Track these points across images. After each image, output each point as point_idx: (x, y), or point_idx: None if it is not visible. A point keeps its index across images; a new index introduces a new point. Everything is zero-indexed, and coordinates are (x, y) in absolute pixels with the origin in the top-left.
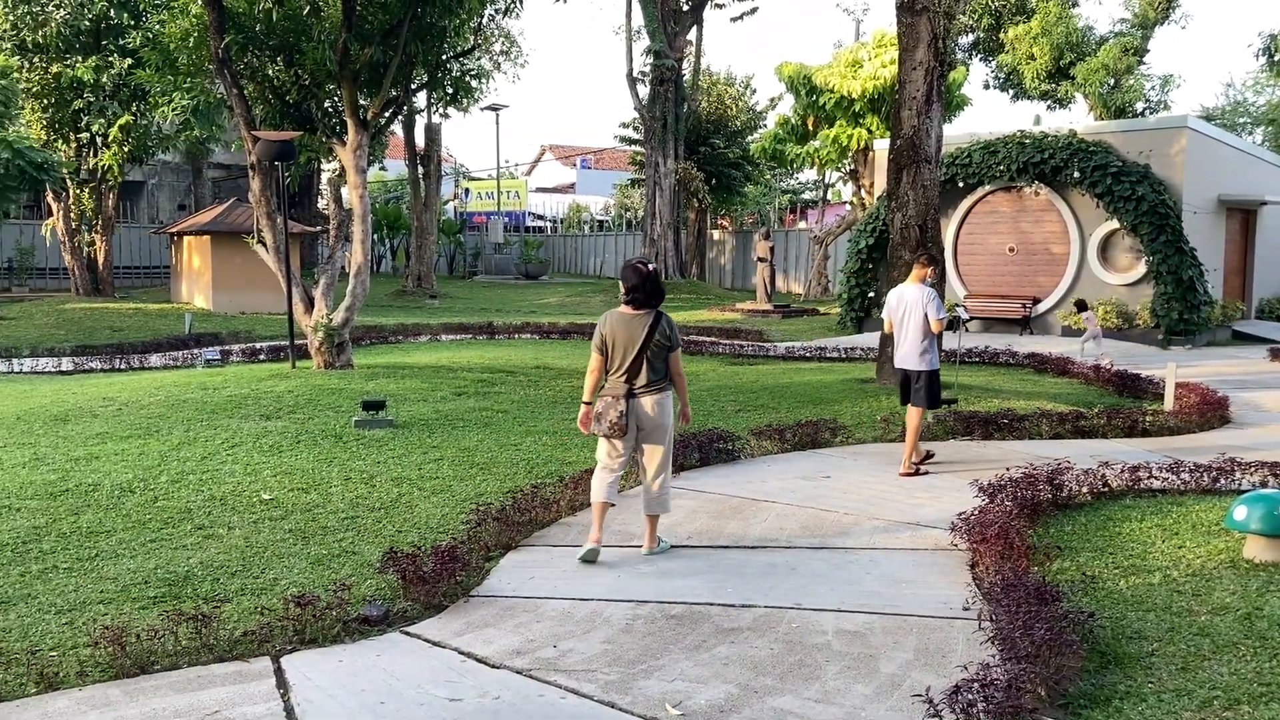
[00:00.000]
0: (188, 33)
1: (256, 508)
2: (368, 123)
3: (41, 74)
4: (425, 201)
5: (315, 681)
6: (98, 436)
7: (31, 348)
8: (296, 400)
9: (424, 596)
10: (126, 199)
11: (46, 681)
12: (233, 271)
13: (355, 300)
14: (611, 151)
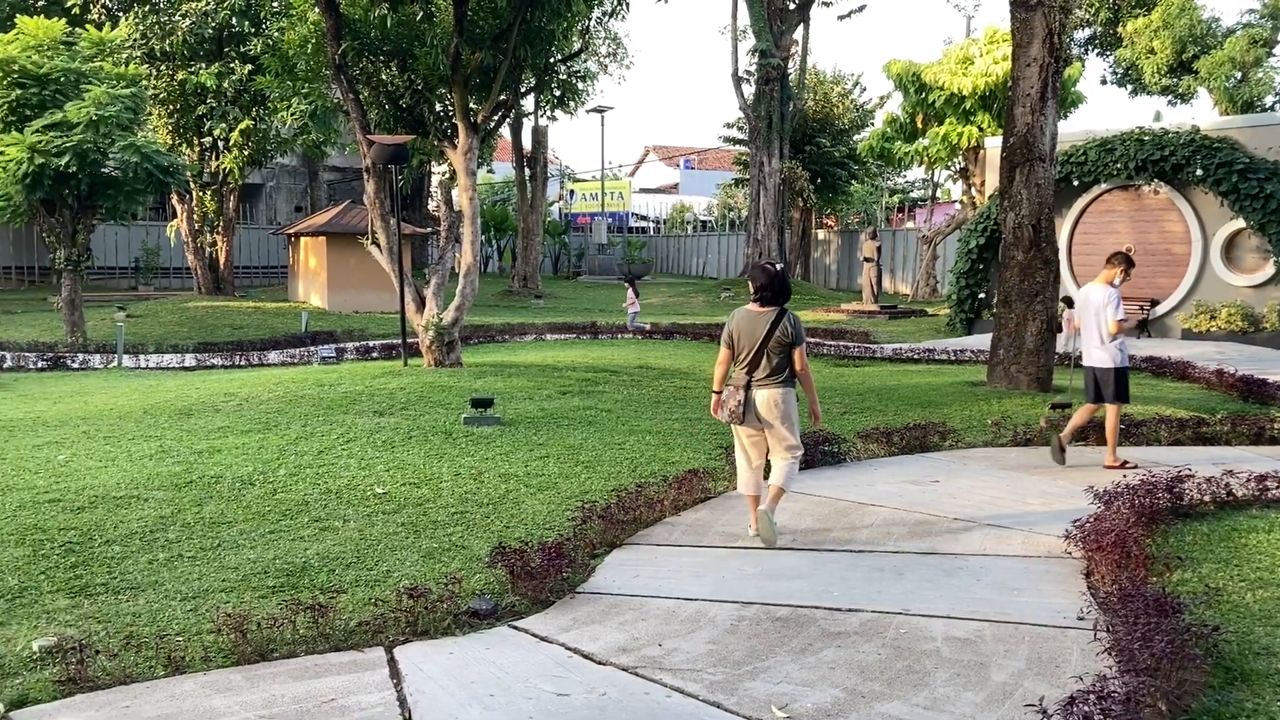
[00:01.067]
0: (306, 39)
1: (370, 501)
2: (477, 126)
3: (168, 81)
4: (531, 203)
5: (427, 672)
6: (220, 430)
7: (157, 344)
8: (408, 397)
9: (531, 592)
10: (246, 201)
11: (174, 665)
12: (347, 271)
13: (465, 300)
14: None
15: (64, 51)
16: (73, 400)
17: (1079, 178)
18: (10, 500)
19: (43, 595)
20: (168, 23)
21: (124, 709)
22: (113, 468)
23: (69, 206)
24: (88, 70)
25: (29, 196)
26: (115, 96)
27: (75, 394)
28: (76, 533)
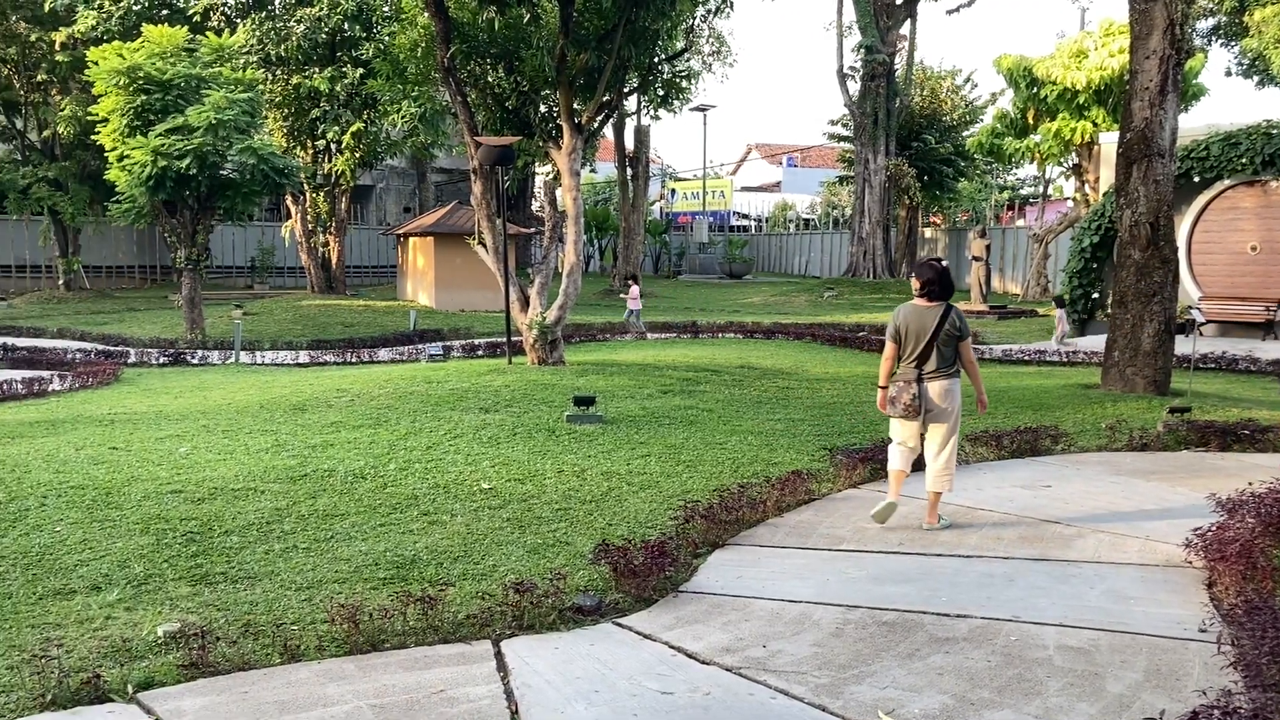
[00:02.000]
0: (416, 43)
1: (476, 496)
2: (582, 127)
3: (283, 85)
4: (633, 202)
5: (533, 666)
6: (332, 425)
7: (272, 341)
8: (512, 395)
9: (634, 589)
10: (357, 202)
11: (289, 653)
12: (454, 271)
13: (568, 299)
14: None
15: (185, 58)
16: (193, 395)
17: (1200, 174)
18: (135, 491)
19: (166, 582)
20: (283, 28)
21: (242, 694)
22: (231, 461)
23: (189, 207)
24: (207, 75)
25: (152, 198)
26: (233, 101)
27: (195, 389)
28: (197, 523)
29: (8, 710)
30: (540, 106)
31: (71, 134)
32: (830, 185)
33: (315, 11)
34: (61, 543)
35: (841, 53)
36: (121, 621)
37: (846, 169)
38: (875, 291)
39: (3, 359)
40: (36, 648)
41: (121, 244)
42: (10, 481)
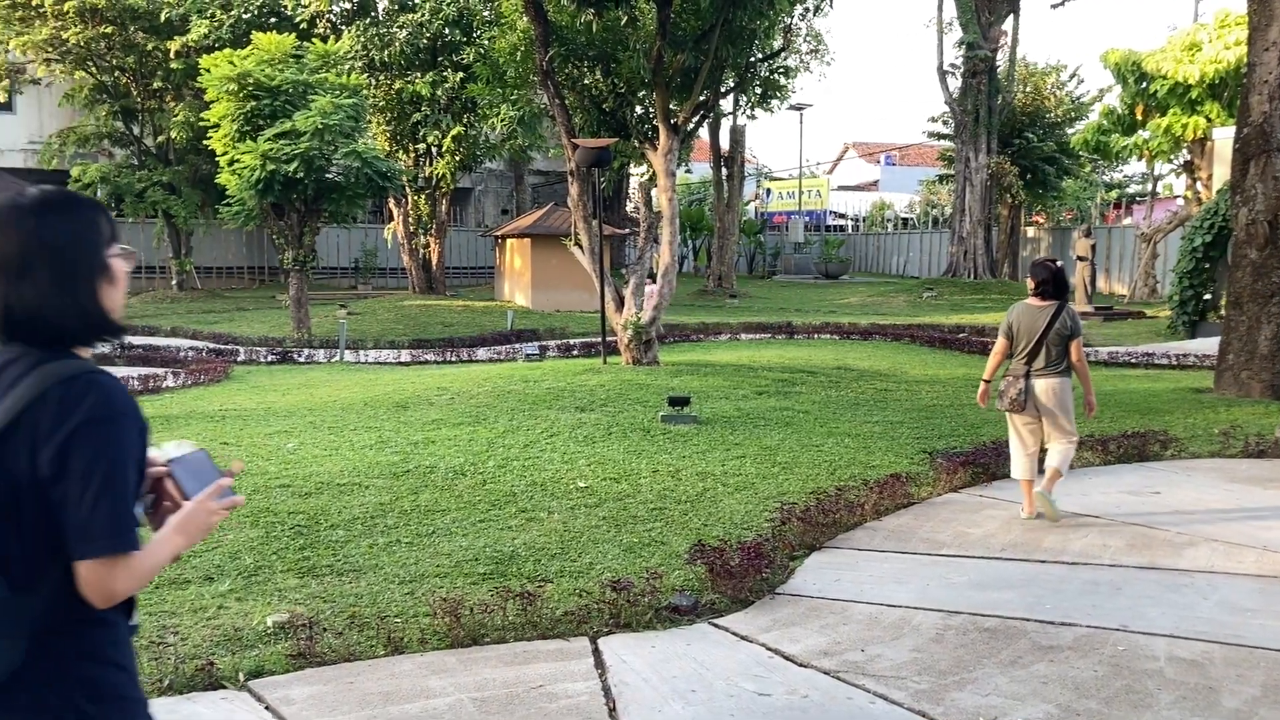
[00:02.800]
0: (515, 47)
1: (573, 494)
2: (678, 127)
3: (386, 90)
4: (727, 202)
5: (630, 664)
6: (433, 423)
7: (375, 340)
8: (608, 394)
9: (731, 590)
10: (456, 204)
11: (393, 645)
12: (550, 271)
13: (662, 299)
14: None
15: (293, 64)
16: (300, 392)
17: None
18: (245, 485)
19: (275, 574)
20: (386, 34)
21: (348, 684)
22: (336, 456)
23: (296, 210)
24: (314, 81)
25: (260, 201)
26: (339, 105)
27: (302, 386)
28: (304, 517)
29: None
30: (636, 108)
31: (184, 139)
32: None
33: (417, 17)
34: None
35: (941, 49)
36: (233, 611)
37: (946, 167)
38: (976, 292)
39: (120, 356)
40: (154, 634)
41: (231, 246)
42: None
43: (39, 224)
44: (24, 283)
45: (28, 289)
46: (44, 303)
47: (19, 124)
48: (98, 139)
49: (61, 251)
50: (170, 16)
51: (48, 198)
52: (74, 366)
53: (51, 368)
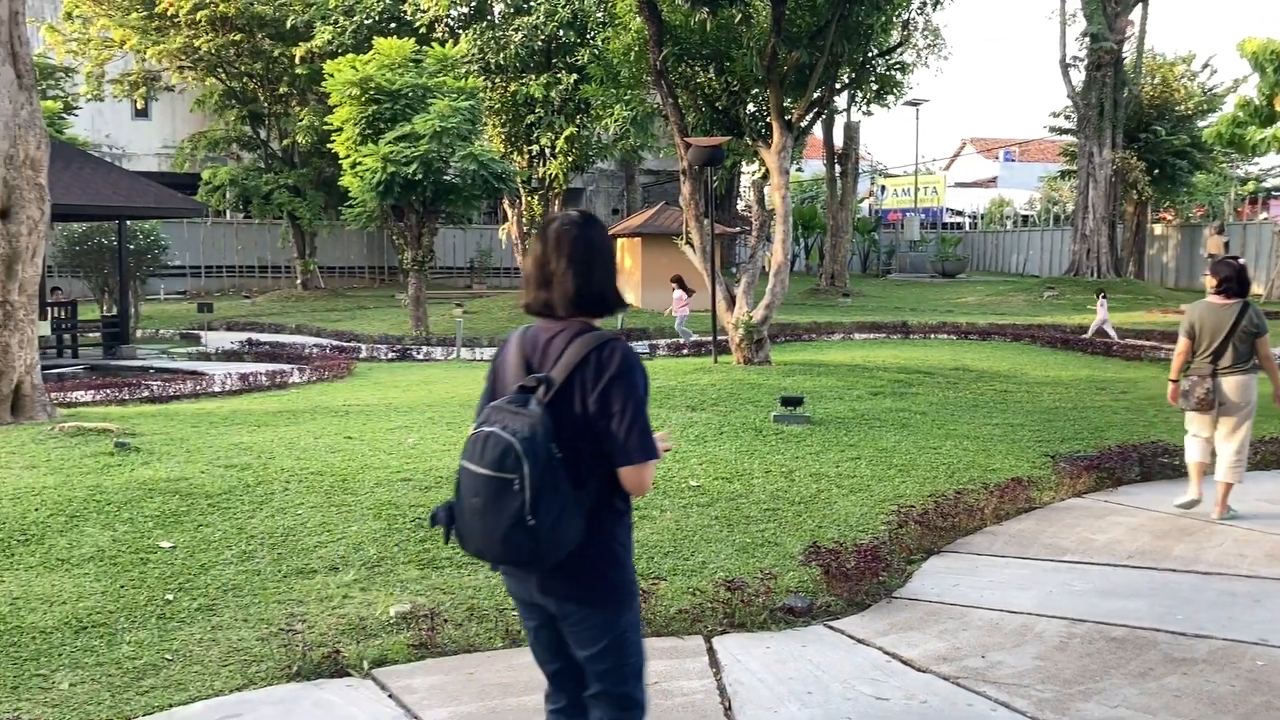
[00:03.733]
0: (629, 47)
1: (685, 493)
2: (792, 125)
3: (501, 92)
4: (841, 200)
5: (745, 664)
6: None
7: (490, 338)
8: (719, 393)
9: (846, 593)
10: (569, 204)
11: (510, 637)
12: (660, 270)
13: (774, 298)
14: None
15: (412, 68)
16: (419, 388)
17: None
18: (369, 478)
19: (397, 565)
20: (502, 37)
21: (468, 675)
22: (455, 451)
23: (415, 211)
24: (432, 85)
25: (381, 202)
26: (456, 108)
27: (421, 383)
28: (424, 510)
29: (259, 678)
30: (749, 105)
31: (309, 143)
32: (1050, 180)
33: (532, 20)
34: (303, 525)
35: (1064, 41)
36: (357, 601)
37: (1068, 163)
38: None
39: (248, 353)
40: (282, 622)
41: (353, 246)
42: (257, 466)
43: (593, 233)
44: (592, 274)
45: (595, 278)
46: (602, 287)
47: (154, 129)
48: (227, 143)
49: (607, 252)
50: (295, 23)
51: (589, 216)
52: (602, 336)
53: (587, 337)
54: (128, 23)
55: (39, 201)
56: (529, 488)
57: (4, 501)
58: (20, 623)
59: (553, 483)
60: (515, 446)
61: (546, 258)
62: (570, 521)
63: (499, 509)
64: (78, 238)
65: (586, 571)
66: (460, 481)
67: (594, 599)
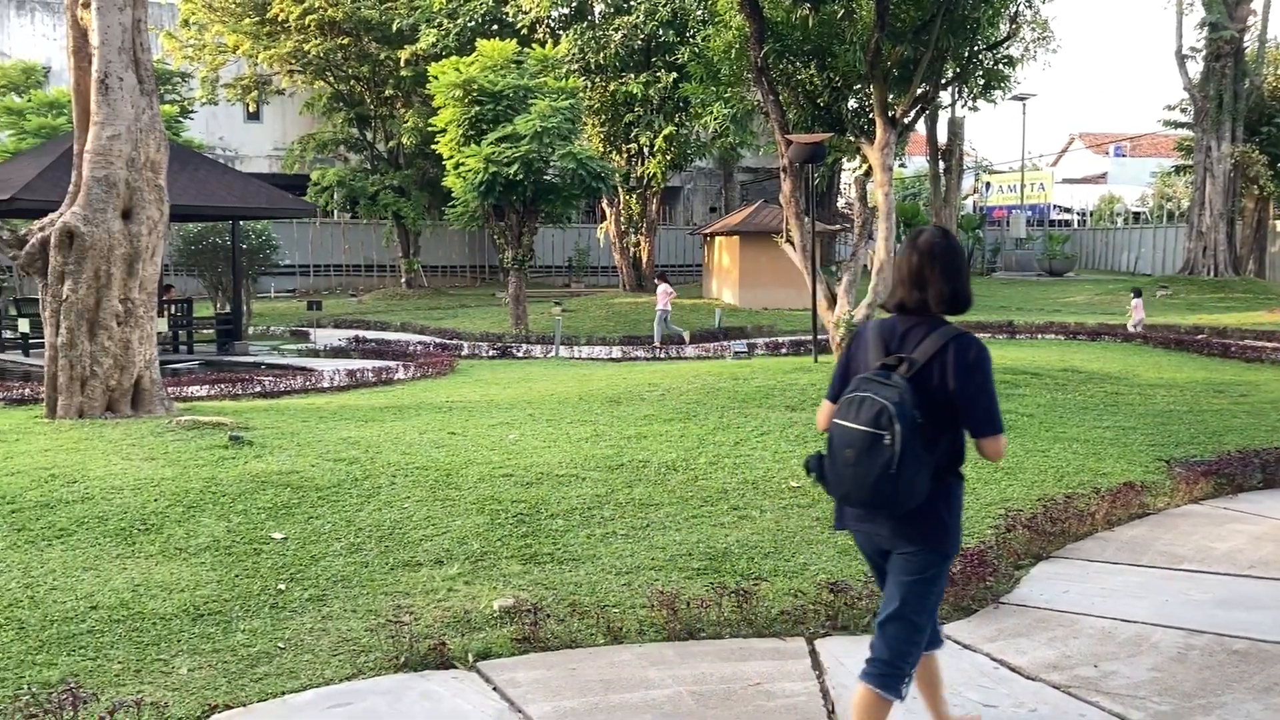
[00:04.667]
0: (729, 45)
1: (785, 494)
2: (896, 121)
3: (601, 92)
4: (945, 197)
5: (848, 667)
6: (645, 418)
7: (587, 337)
8: (819, 394)
9: (952, 598)
10: (666, 203)
11: (612, 634)
12: (758, 269)
13: (877, 297)
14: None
15: (514, 69)
16: (519, 386)
17: None
18: (472, 473)
19: (500, 560)
20: (602, 37)
21: (570, 670)
22: (554, 448)
23: (516, 211)
24: (533, 85)
25: (483, 202)
26: (556, 108)
27: (520, 380)
28: (526, 505)
29: (367, 668)
30: (851, 102)
31: (413, 144)
32: (1164, 176)
33: (632, 19)
34: (408, 518)
35: (1180, 32)
36: (461, 594)
37: (1184, 158)
38: (1216, 290)
39: (355, 350)
40: (390, 613)
41: (455, 246)
42: (365, 461)
43: (956, 245)
44: (959, 278)
45: (960, 282)
46: (965, 289)
47: (265, 132)
48: (334, 145)
49: (965, 260)
50: (401, 26)
51: (946, 231)
52: (957, 329)
53: (944, 329)
54: (240, 28)
55: (159, 202)
56: (897, 444)
57: (125, 492)
58: (142, 609)
59: (913, 442)
60: (889, 409)
61: (920, 265)
62: (922, 477)
63: (870, 460)
64: (193, 237)
65: (929, 518)
66: (833, 437)
67: (931, 541)
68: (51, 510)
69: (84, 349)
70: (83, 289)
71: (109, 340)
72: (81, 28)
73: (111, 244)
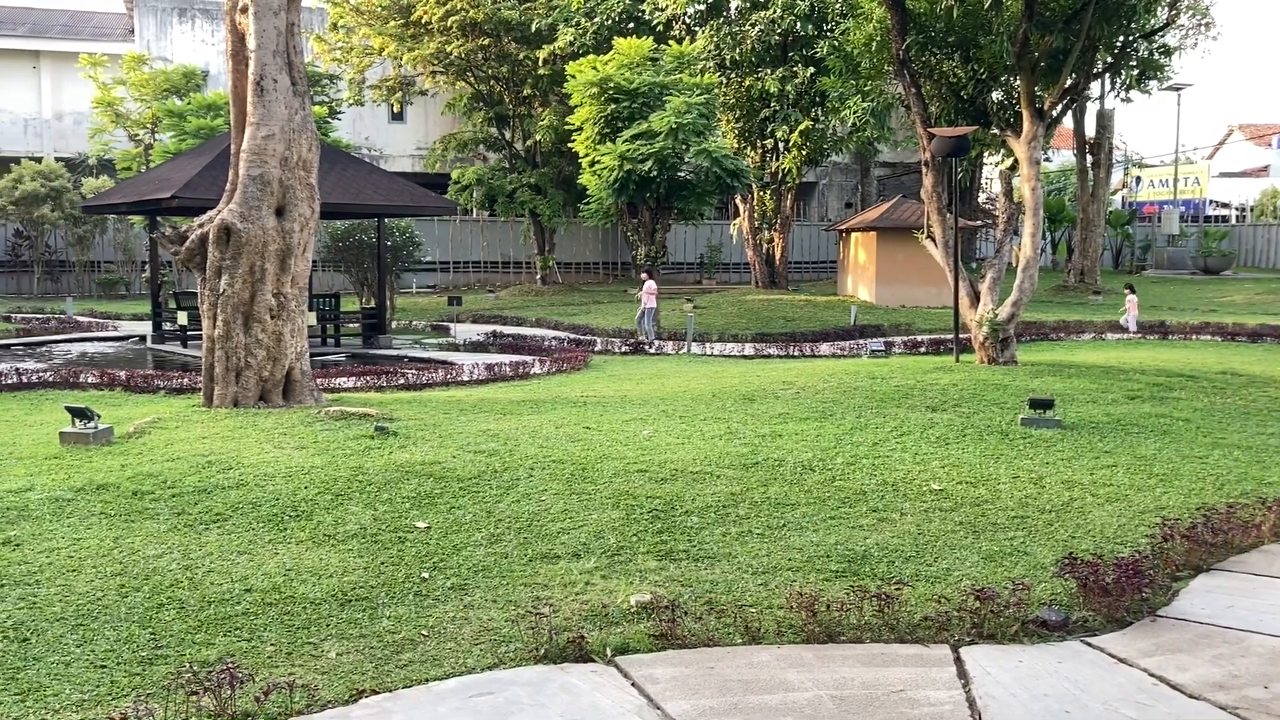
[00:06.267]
0: (870, 37)
1: (926, 497)
2: (1044, 113)
3: (736, 88)
4: (1092, 192)
5: (995, 678)
6: (779, 416)
7: (719, 333)
8: (960, 394)
9: (1105, 609)
10: (800, 199)
11: (750, 634)
12: (895, 266)
13: (1022, 295)
14: None
15: (650, 67)
16: (651, 382)
17: None
18: (607, 468)
19: (635, 555)
20: (739, 32)
21: (708, 669)
22: (688, 445)
23: (649, 208)
24: (669, 82)
25: (617, 199)
26: (691, 105)
27: (653, 376)
28: (660, 502)
29: (508, 658)
30: (996, 93)
31: (549, 142)
32: None
33: (769, 14)
34: (545, 511)
35: None
36: (598, 588)
37: None
38: None
39: (493, 344)
40: (529, 605)
41: (588, 242)
42: (504, 453)
43: None
44: None
45: None
46: None
47: (408, 132)
48: (474, 144)
49: None
50: (540, 27)
51: None
52: None
53: None
54: (386, 31)
55: (310, 200)
56: None
57: (277, 479)
58: (293, 593)
59: None
60: None
61: None
62: None
63: None
64: (340, 234)
65: None
66: None
67: None
68: (208, 495)
69: (239, 341)
70: (238, 283)
71: (262, 333)
72: (239, 32)
73: (266, 240)
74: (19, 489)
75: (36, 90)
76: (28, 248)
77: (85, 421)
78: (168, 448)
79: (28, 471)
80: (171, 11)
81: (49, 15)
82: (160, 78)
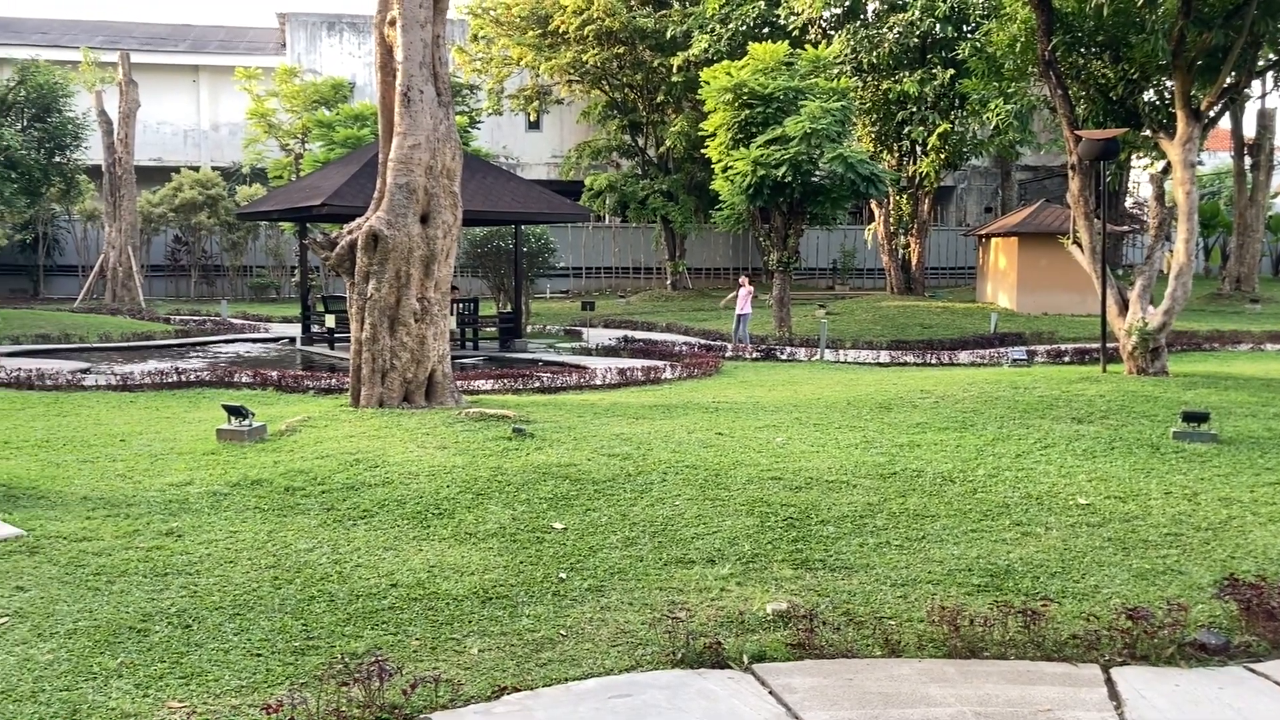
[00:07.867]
0: (1014, 38)
1: (1072, 511)
2: (1200, 113)
3: (872, 91)
4: (1251, 195)
5: (1150, 701)
6: (917, 426)
7: (853, 340)
8: (1108, 405)
9: (1270, 634)
10: (938, 203)
11: (889, 647)
12: (1038, 272)
13: (1174, 303)
14: None
15: (784, 71)
16: (784, 388)
17: None
18: (740, 474)
19: (770, 563)
20: (876, 35)
21: (847, 680)
22: (823, 453)
23: (781, 213)
24: (804, 87)
25: (749, 205)
26: (826, 109)
27: (785, 383)
28: (795, 510)
29: (645, 661)
30: (1148, 94)
31: (682, 149)
32: None
33: (908, 16)
34: (679, 516)
35: None
36: (734, 595)
37: None
38: None
39: (624, 349)
40: (665, 609)
41: (719, 248)
42: (637, 457)
43: None
44: None
45: None
46: None
47: (544, 140)
48: (607, 151)
49: None
50: (674, 34)
51: None
52: None
53: None
54: (524, 41)
55: (453, 207)
56: None
57: (421, 478)
58: (436, 589)
59: None
60: None
61: None
62: None
63: None
64: (479, 240)
65: None
66: None
67: None
68: (356, 492)
69: (385, 343)
70: (385, 288)
71: (407, 336)
72: (387, 45)
73: (411, 246)
74: (180, 483)
75: (195, 102)
76: (185, 253)
77: (241, 419)
78: (317, 445)
79: (188, 466)
80: (321, 25)
81: (207, 32)
82: (310, 89)
